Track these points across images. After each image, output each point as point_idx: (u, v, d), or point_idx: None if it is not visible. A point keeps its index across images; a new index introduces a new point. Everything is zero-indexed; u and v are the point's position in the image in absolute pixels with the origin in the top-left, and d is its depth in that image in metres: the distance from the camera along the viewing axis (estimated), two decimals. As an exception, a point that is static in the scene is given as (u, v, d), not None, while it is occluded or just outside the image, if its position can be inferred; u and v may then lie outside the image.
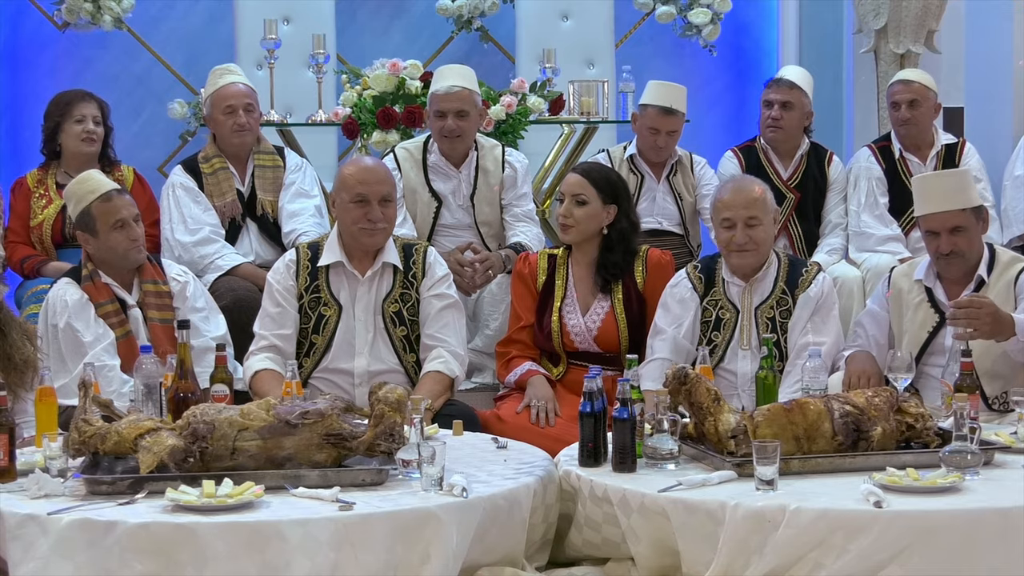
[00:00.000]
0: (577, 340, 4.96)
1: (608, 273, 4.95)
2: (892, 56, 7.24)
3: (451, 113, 5.65)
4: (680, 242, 6.19)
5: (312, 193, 5.85)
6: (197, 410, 3.66)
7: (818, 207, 6.24)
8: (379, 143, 6.34)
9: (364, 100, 6.50)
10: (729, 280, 4.77)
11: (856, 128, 7.68)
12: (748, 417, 3.75)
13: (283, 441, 3.63)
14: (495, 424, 4.72)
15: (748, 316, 4.72)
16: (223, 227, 5.68)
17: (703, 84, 7.93)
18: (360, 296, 4.75)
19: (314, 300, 4.75)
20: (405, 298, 4.78)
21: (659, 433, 3.77)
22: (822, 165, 6.27)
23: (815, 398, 3.86)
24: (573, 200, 4.94)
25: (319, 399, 3.78)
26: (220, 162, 5.72)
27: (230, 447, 3.60)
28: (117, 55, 7.62)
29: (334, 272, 4.78)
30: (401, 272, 4.79)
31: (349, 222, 4.71)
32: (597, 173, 5.03)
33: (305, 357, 4.75)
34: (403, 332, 4.76)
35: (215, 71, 5.83)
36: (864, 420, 3.80)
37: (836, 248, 6.15)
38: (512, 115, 6.52)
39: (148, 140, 7.52)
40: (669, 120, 6.08)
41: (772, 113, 6.19)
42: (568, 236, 4.97)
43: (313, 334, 4.74)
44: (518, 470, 3.80)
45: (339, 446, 3.67)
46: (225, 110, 5.70)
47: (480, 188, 5.79)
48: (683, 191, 6.22)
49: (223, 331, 4.93)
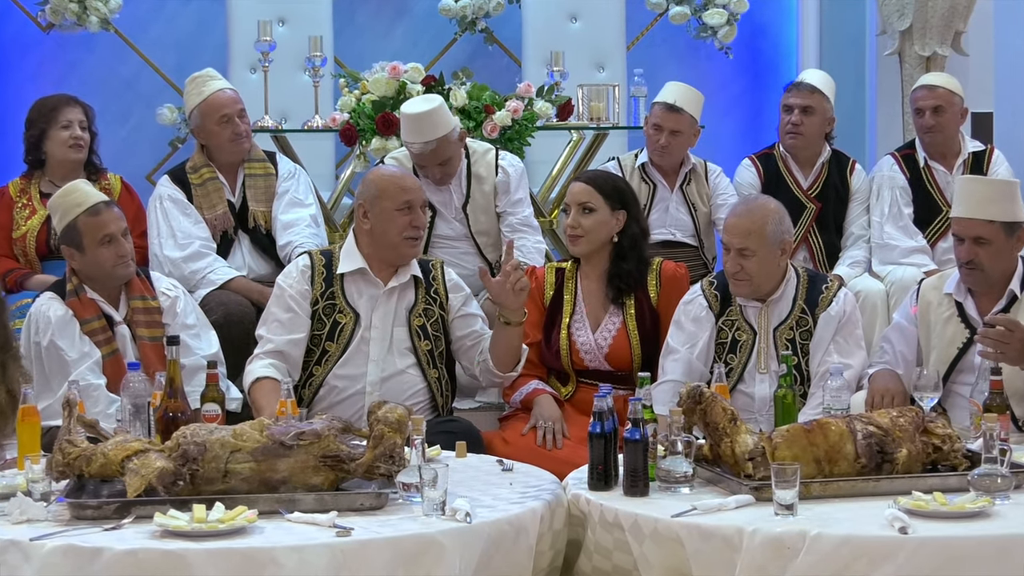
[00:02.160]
0: (587, 358, 4.97)
1: (622, 283, 4.96)
2: (917, 59, 7.25)
3: (431, 166, 5.63)
4: (694, 254, 6.19)
5: (307, 202, 5.85)
6: (187, 431, 3.66)
7: (839, 218, 6.24)
8: (378, 150, 6.35)
9: (363, 105, 6.51)
10: (741, 302, 4.75)
11: (879, 135, 7.69)
12: (766, 438, 3.75)
13: (277, 463, 3.63)
14: (500, 446, 4.73)
15: (766, 338, 4.71)
16: (214, 240, 5.68)
17: (719, 88, 7.94)
18: (379, 305, 4.79)
19: (329, 307, 4.78)
20: (428, 313, 4.84)
21: (673, 455, 3.77)
22: (844, 174, 6.27)
23: (837, 418, 3.86)
24: (580, 209, 4.95)
25: (315, 419, 3.78)
26: (209, 172, 5.72)
27: (222, 469, 3.60)
28: (104, 58, 7.64)
29: (351, 280, 4.81)
30: (423, 287, 4.83)
31: (395, 232, 4.74)
32: (602, 179, 5.05)
33: (316, 365, 4.77)
34: (427, 346, 4.81)
35: (195, 79, 5.81)
36: (888, 441, 3.79)
37: (858, 260, 6.15)
38: (518, 121, 6.53)
39: (136, 147, 7.54)
40: (672, 118, 6.08)
41: (792, 119, 6.19)
42: (578, 247, 4.98)
43: (327, 341, 4.77)
44: (524, 494, 3.80)
45: (336, 468, 3.67)
46: (220, 120, 5.69)
47: (474, 196, 5.80)
48: (697, 201, 6.22)
49: (215, 348, 4.94)
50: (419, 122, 5.56)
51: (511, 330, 4.76)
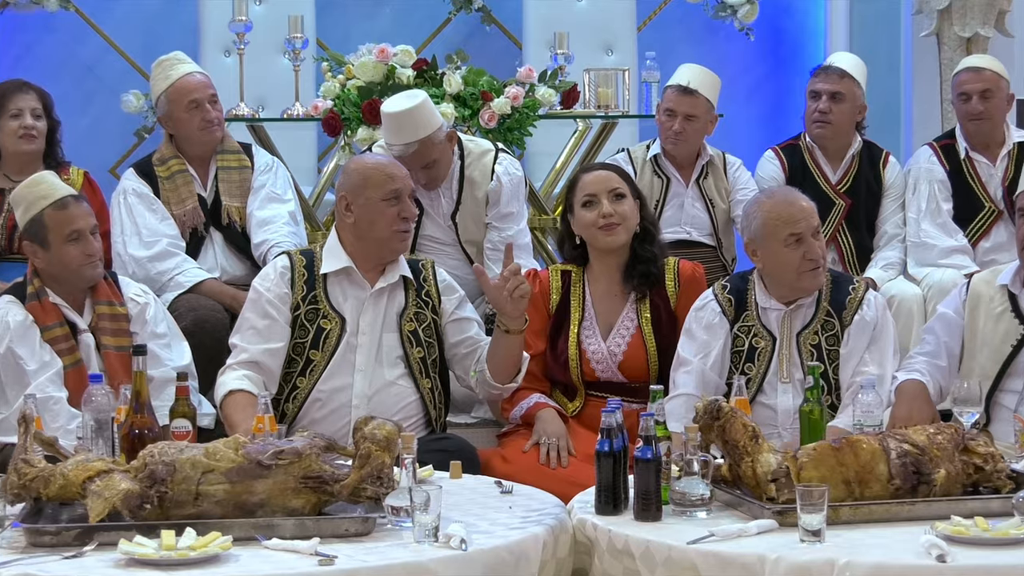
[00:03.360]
0: (599, 368, 4.98)
1: (644, 268, 4.97)
2: (957, 40, 7.27)
3: (417, 168, 5.61)
4: (712, 255, 6.20)
5: (285, 197, 5.86)
6: (155, 449, 3.67)
7: (872, 215, 6.25)
8: (365, 141, 6.36)
9: (348, 91, 6.52)
10: (765, 305, 4.76)
11: (915, 124, 7.70)
12: (791, 457, 3.76)
13: (254, 485, 3.64)
14: (499, 465, 4.74)
15: (789, 344, 4.71)
16: (183, 238, 5.69)
17: (739, 73, 7.95)
18: (367, 308, 4.79)
19: (312, 312, 4.78)
20: (420, 317, 4.83)
21: (688, 476, 3.77)
22: (876, 167, 6.28)
23: (869, 435, 3.86)
24: (612, 196, 4.96)
25: (296, 436, 3.79)
26: (178, 164, 5.74)
27: (193, 492, 3.61)
28: (63, 40, 7.65)
29: (334, 281, 4.82)
30: (414, 289, 4.84)
31: (383, 225, 4.75)
32: (616, 168, 5.17)
33: (300, 376, 4.78)
34: (420, 353, 4.81)
35: (162, 63, 5.81)
36: (925, 461, 3.80)
37: (893, 262, 6.16)
38: (518, 109, 6.54)
39: (99, 137, 7.54)
40: (687, 101, 6.10)
41: (819, 106, 6.20)
42: (618, 236, 4.96)
43: (311, 350, 4.77)
44: (525, 518, 3.80)
45: (319, 491, 3.67)
46: (188, 106, 5.70)
47: (465, 203, 5.77)
48: (715, 196, 6.23)
49: (187, 360, 4.95)
50: (399, 121, 5.54)
51: (510, 338, 4.77)
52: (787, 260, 4.64)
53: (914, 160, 6.31)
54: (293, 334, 4.78)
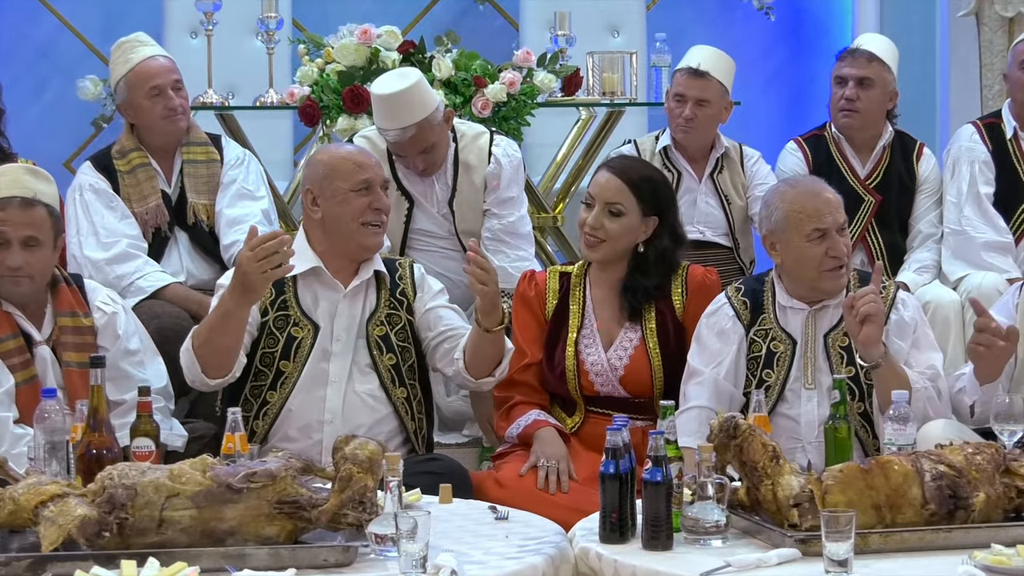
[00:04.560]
0: (598, 381, 4.99)
1: (635, 299, 4.97)
2: (999, 20, 7.28)
3: (412, 155, 5.65)
4: (728, 257, 6.21)
5: (258, 194, 5.86)
6: (114, 471, 3.67)
7: (904, 213, 6.26)
8: (345, 131, 6.37)
9: (327, 77, 6.53)
10: (786, 304, 4.77)
11: (952, 112, 7.70)
12: (815, 480, 3.76)
13: (224, 510, 3.64)
14: (493, 489, 4.74)
15: (813, 347, 4.73)
16: (145, 239, 5.69)
17: (758, 57, 7.97)
18: (341, 312, 4.81)
19: (281, 319, 4.79)
20: (393, 320, 4.83)
21: (702, 500, 3.78)
22: (909, 160, 6.29)
23: (900, 456, 3.87)
24: (606, 209, 4.95)
25: (269, 457, 3.79)
26: (140, 157, 5.74)
27: (156, 518, 3.61)
28: (13, 20, 7.66)
29: (304, 284, 4.83)
30: (387, 288, 4.84)
31: (350, 217, 4.76)
32: (639, 175, 5.01)
33: (271, 390, 4.78)
34: (391, 360, 4.82)
35: (122, 45, 5.81)
36: (963, 484, 3.81)
37: (927, 265, 6.15)
38: (515, 96, 6.54)
39: (52, 127, 7.56)
40: (698, 84, 6.12)
41: (846, 93, 6.21)
42: (595, 253, 4.98)
43: (282, 360, 4.77)
44: (522, 547, 3.81)
45: (295, 517, 3.68)
46: (150, 93, 5.71)
47: (461, 189, 5.81)
48: (731, 192, 6.24)
49: (164, 381, 4.90)
50: (393, 103, 5.56)
51: (485, 335, 4.73)
52: (808, 256, 4.67)
53: (955, 139, 6.26)
54: (261, 343, 4.78)
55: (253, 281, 4.45)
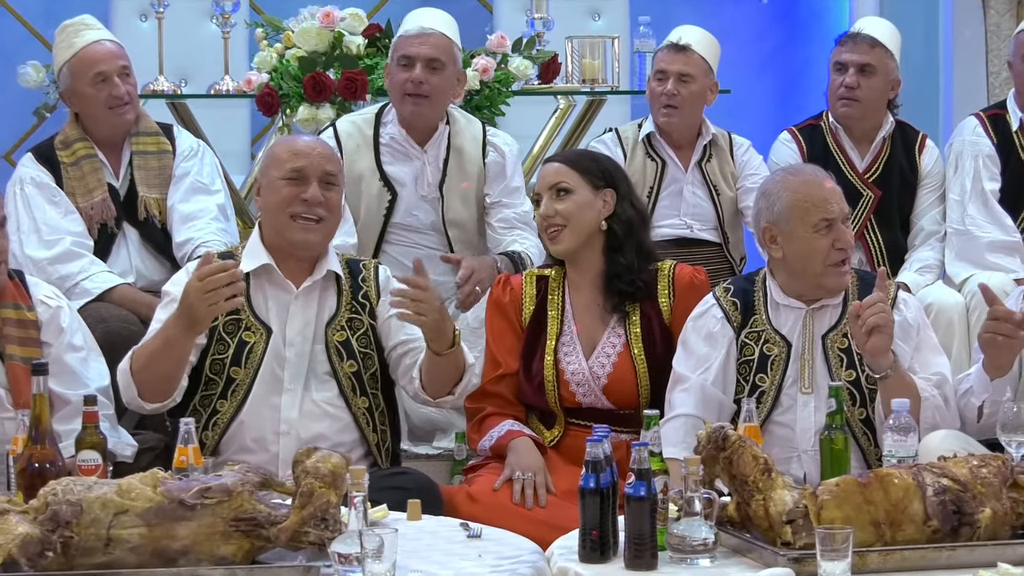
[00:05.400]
0: (579, 391, 4.99)
1: (622, 283, 4.97)
2: (1006, 3, 7.32)
3: (421, 60, 5.71)
4: (717, 254, 6.22)
5: (213, 187, 5.86)
6: (58, 486, 3.66)
7: (906, 209, 6.27)
8: (307, 120, 6.37)
9: (287, 63, 6.53)
10: (782, 303, 4.78)
11: (957, 102, 7.73)
12: (810, 495, 3.77)
13: (176, 528, 3.64)
14: (465, 504, 4.75)
15: (811, 348, 4.74)
16: (91, 236, 5.69)
17: (749, 42, 7.99)
18: (294, 314, 4.80)
19: (232, 323, 4.78)
20: (354, 325, 4.83)
21: (689, 516, 3.78)
22: (911, 152, 6.30)
23: (901, 469, 3.88)
24: (552, 192, 4.98)
25: (225, 471, 3.79)
26: (85, 148, 5.74)
27: (103, 537, 3.61)
28: (-53, 2, 7.65)
29: (256, 284, 4.82)
30: (348, 291, 4.84)
31: (275, 207, 4.76)
32: (575, 154, 5.23)
33: (221, 399, 4.77)
34: (352, 368, 4.81)
35: (66, 29, 5.80)
36: (967, 499, 3.82)
37: (930, 265, 6.17)
38: (488, 84, 6.55)
39: (-9, 117, 7.56)
40: (679, 58, 6.15)
41: (845, 80, 6.22)
42: (560, 243, 5.00)
43: (233, 367, 4.77)
44: (496, 567, 3.81)
45: (252, 535, 3.68)
46: (95, 79, 5.71)
47: (452, 173, 5.85)
48: (720, 182, 6.25)
49: (105, 381, 4.88)
50: (432, 14, 5.93)
51: (436, 357, 4.67)
52: (815, 248, 4.68)
53: (958, 132, 6.27)
54: (211, 349, 4.77)
55: (199, 313, 4.45)
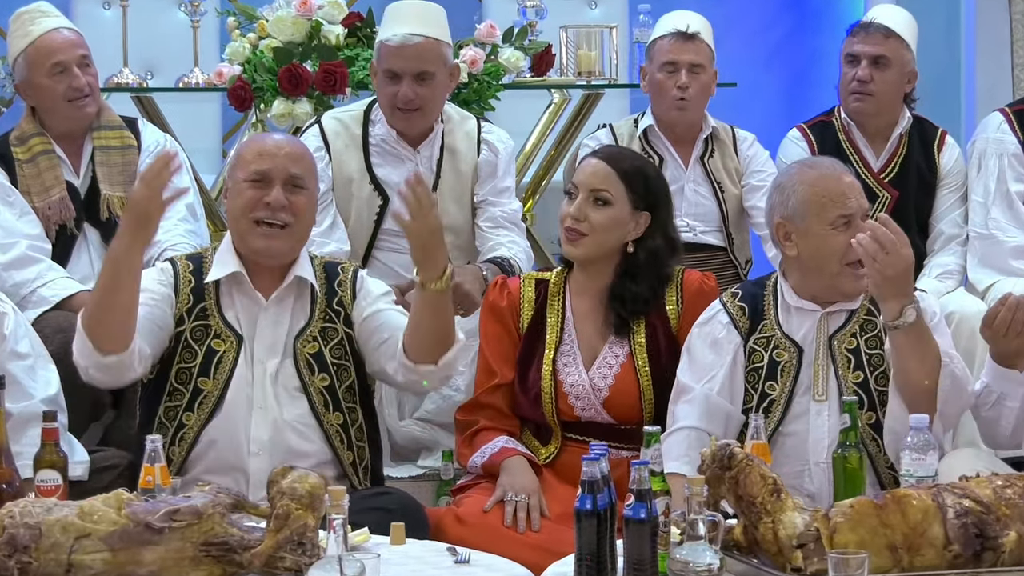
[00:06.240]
0: (578, 405, 5.00)
1: (625, 309, 4.98)
2: (1033, -9, 7.34)
3: (408, 76, 5.69)
4: (722, 258, 6.23)
5: (180, 186, 5.82)
6: (15, 508, 3.66)
7: (923, 211, 6.28)
8: (282, 116, 6.37)
9: (261, 54, 6.53)
10: (795, 305, 4.78)
11: (979, 96, 7.75)
12: (822, 517, 3.78)
13: (142, 553, 3.64)
14: (452, 527, 4.75)
15: (824, 352, 4.75)
16: (48, 239, 5.69)
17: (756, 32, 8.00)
18: (262, 329, 4.80)
19: (200, 329, 4.77)
20: (327, 335, 4.82)
21: (692, 540, 3.78)
22: (930, 150, 6.31)
23: (919, 489, 3.89)
24: (591, 197, 4.96)
25: (195, 492, 3.79)
26: (42, 143, 5.74)
27: (64, 562, 3.61)
28: None
29: (227, 292, 4.82)
30: (322, 299, 4.84)
31: (239, 212, 4.76)
32: (630, 163, 5.08)
33: (187, 411, 4.76)
34: (324, 382, 4.80)
35: (20, 17, 5.80)
36: (991, 521, 3.82)
37: (951, 270, 6.17)
38: (477, 76, 6.56)
39: (-59, 112, 7.54)
40: (690, 47, 6.17)
41: (859, 73, 6.23)
42: (577, 248, 5.00)
43: (200, 377, 4.76)
44: (486, 595, 3.83)
45: (224, 560, 3.68)
46: (52, 70, 5.71)
47: (445, 176, 5.86)
48: (724, 178, 6.25)
49: (55, 390, 4.90)
50: (412, 9, 5.82)
51: (430, 299, 4.63)
52: (833, 247, 4.68)
53: (980, 130, 6.27)
54: (177, 356, 4.76)
55: (148, 208, 4.43)
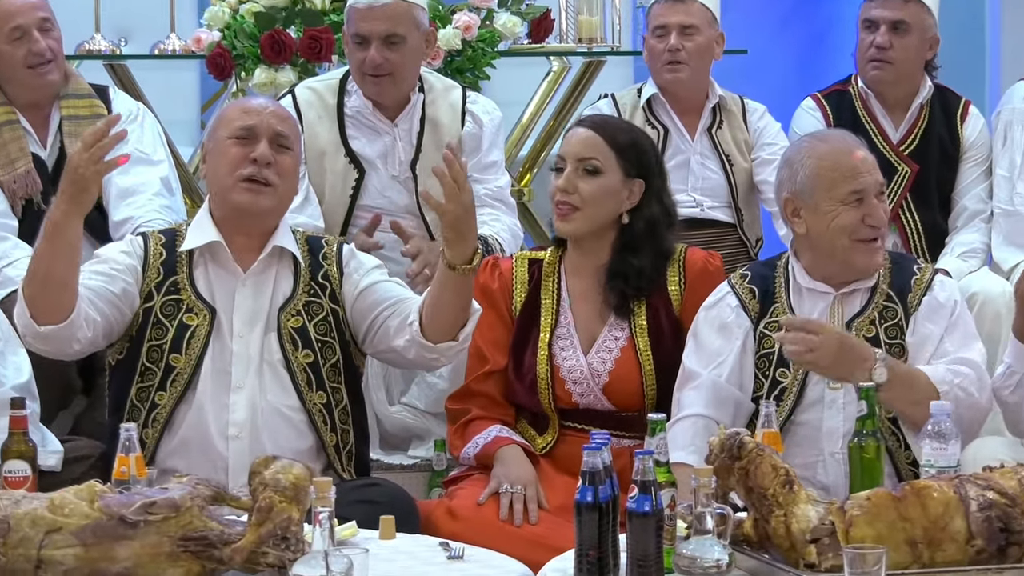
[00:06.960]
0: (576, 391, 5.01)
1: (627, 286, 4.98)
2: (1062, -49, 7.33)
3: (376, 39, 5.69)
4: (731, 235, 6.23)
5: (155, 157, 5.86)
6: (-18, 500, 3.68)
7: (946, 186, 6.28)
8: (264, 85, 6.37)
9: (241, 20, 6.53)
10: (807, 286, 4.80)
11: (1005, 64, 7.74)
12: (837, 510, 3.78)
13: (116, 548, 3.64)
14: (444, 521, 4.77)
15: (840, 337, 4.76)
16: (14, 215, 5.70)
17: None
18: (241, 300, 4.80)
19: (171, 304, 4.77)
20: (312, 310, 4.83)
21: (699, 535, 3.79)
22: (952, 121, 6.31)
23: (940, 481, 3.89)
24: (579, 167, 4.98)
25: (172, 483, 3.79)
26: (5, 113, 5.75)
27: (33, 558, 3.61)
28: None
29: (201, 264, 4.83)
30: (306, 271, 4.85)
31: (225, 170, 4.77)
32: (617, 129, 5.11)
33: (159, 390, 4.76)
34: (308, 358, 4.81)
35: None
36: (1016, 514, 3.82)
37: (974, 249, 6.17)
38: (471, 43, 6.55)
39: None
40: (679, 8, 6.18)
41: (877, 39, 6.22)
42: (569, 223, 5.00)
43: (172, 353, 4.75)
44: (481, 592, 3.83)
45: (203, 556, 3.68)
46: (11, 35, 5.71)
47: (426, 150, 5.85)
48: (733, 151, 6.25)
49: (26, 376, 4.91)
50: None
51: (455, 279, 4.64)
52: (843, 224, 4.70)
53: (1006, 100, 6.27)
54: (148, 333, 4.76)
55: (85, 175, 4.40)
